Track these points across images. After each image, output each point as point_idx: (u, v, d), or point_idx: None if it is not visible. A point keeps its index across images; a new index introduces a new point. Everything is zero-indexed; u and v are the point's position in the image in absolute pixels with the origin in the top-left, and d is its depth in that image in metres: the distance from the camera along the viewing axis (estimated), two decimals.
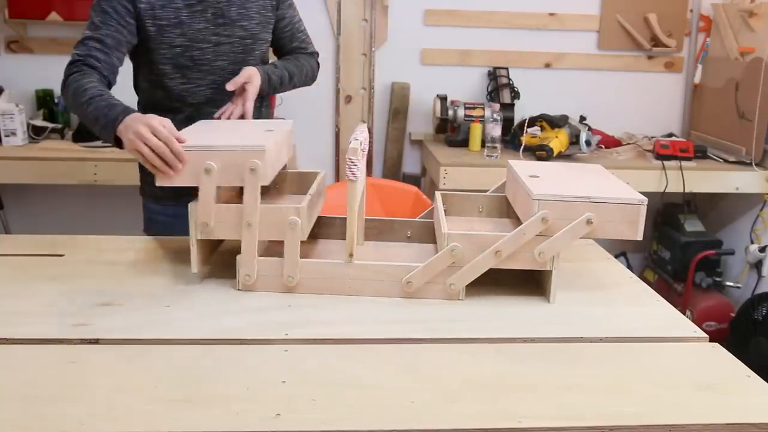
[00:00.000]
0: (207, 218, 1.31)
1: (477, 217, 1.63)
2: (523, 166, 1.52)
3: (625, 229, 1.32)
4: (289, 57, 1.84)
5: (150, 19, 1.61)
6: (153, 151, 1.27)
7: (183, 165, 1.28)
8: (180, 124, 1.50)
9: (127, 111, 1.39)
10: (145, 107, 1.73)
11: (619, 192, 1.35)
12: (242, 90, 1.62)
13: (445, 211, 1.56)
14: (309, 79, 1.87)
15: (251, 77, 1.62)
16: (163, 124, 1.30)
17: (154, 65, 1.67)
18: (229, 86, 1.60)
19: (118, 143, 1.40)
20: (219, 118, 1.62)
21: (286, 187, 1.62)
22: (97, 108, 1.42)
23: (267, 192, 1.58)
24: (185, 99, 1.69)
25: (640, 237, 1.32)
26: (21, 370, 1.06)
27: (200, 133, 1.44)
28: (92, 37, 1.55)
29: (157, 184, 1.30)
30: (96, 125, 1.43)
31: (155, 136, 1.28)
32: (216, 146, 1.29)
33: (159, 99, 1.70)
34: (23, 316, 1.23)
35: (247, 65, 1.67)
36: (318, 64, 1.91)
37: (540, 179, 1.41)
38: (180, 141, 1.29)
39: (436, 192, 1.59)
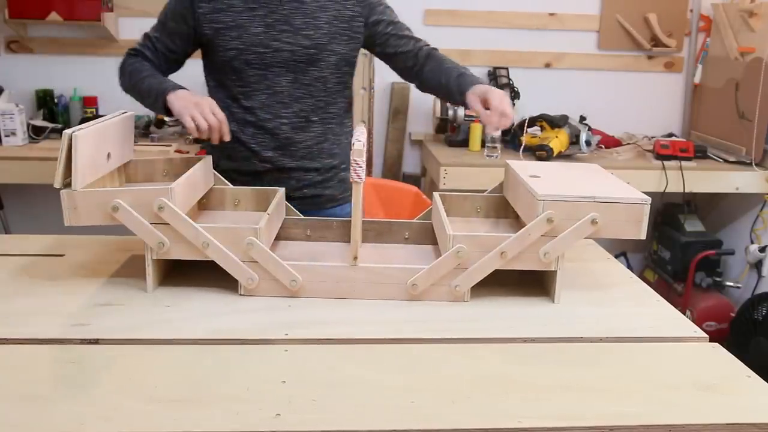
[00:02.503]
0: (161, 238, 1.31)
1: (475, 218, 1.63)
2: (522, 167, 1.52)
3: (629, 228, 1.32)
4: (440, 64, 1.69)
5: (207, 22, 1.63)
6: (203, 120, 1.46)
7: (225, 139, 1.49)
8: (236, 128, 1.67)
9: (179, 86, 1.55)
10: None
11: (622, 191, 1.35)
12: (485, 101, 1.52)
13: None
14: None
15: (486, 93, 1.51)
16: (213, 110, 1.48)
17: (215, 66, 1.70)
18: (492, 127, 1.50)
19: (167, 112, 1.55)
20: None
21: (248, 204, 1.61)
22: (150, 84, 1.58)
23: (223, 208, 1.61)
24: (240, 101, 1.69)
25: (643, 236, 1.32)
26: (21, 370, 1.06)
27: None
28: (151, 37, 1.69)
29: (66, 224, 1.32)
30: (148, 98, 1.59)
31: (213, 116, 1.47)
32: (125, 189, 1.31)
33: (219, 98, 1.71)
34: (23, 316, 1.23)
35: (307, 75, 1.66)
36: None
37: (541, 179, 1.41)
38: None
39: (434, 193, 1.59)
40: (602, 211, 1.30)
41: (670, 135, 3.45)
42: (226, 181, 1.64)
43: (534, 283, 1.44)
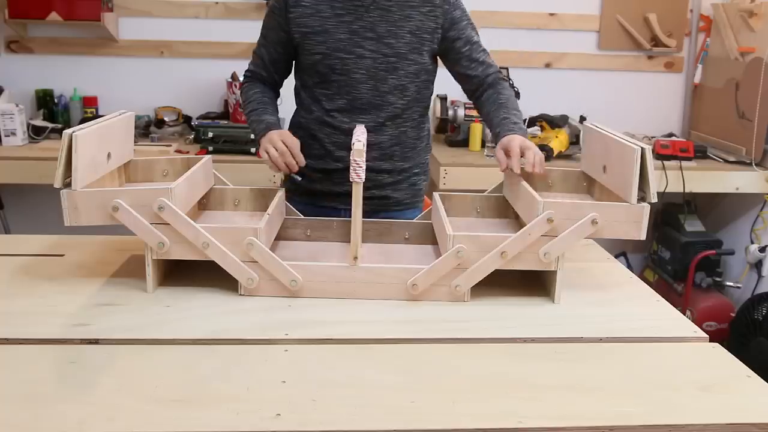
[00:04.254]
0: (161, 238, 1.31)
1: (475, 218, 1.63)
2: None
3: (629, 229, 1.32)
4: (497, 96, 1.70)
5: (296, 26, 1.65)
6: (277, 154, 1.55)
7: (300, 167, 1.56)
8: (314, 127, 1.73)
9: (269, 128, 1.63)
10: (298, 103, 1.80)
11: None
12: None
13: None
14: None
15: (520, 147, 1.50)
16: (283, 138, 1.57)
17: (301, 67, 1.73)
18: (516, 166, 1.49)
19: None
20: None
21: (248, 204, 1.61)
22: (251, 122, 1.71)
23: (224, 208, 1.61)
24: (321, 102, 1.71)
25: (643, 237, 1.32)
26: (21, 370, 1.06)
27: None
28: (256, 53, 1.77)
29: (66, 224, 1.32)
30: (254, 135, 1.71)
31: (282, 143, 1.55)
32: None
33: (302, 99, 1.76)
34: (23, 316, 1.23)
35: (386, 83, 1.67)
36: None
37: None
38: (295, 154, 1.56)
39: (434, 193, 1.59)
40: (602, 211, 1.30)
41: (670, 135, 3.45)
42: (227, 182, 1.64)
43: (534, 283, 1.44)
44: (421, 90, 1.74)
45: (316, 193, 1.75)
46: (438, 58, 1.75)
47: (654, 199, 1.30)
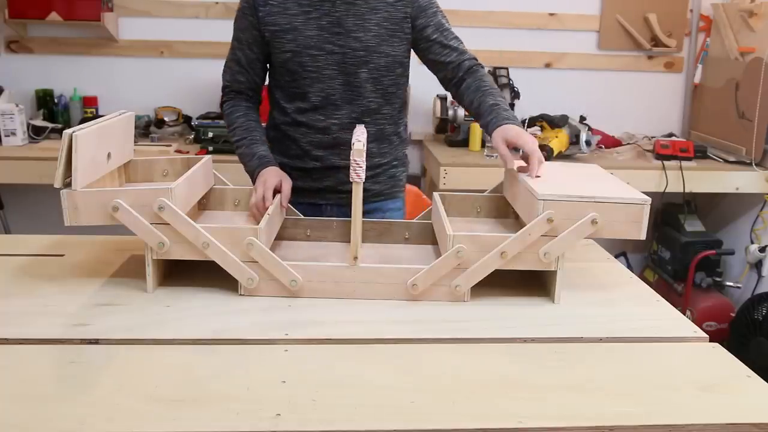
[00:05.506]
0: (161, 238, 1.31)
1: (475, 218, 1.63)
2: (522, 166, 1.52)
3: (629, 228, 1.32)
4: (479, 83, 1.67)
5: (266, 25, 1.64)
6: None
7: (263, 212, 1.48)
8: (290, 127, 1.72)
9: (261, 165, 1.62)
10: (271, 104, 1.79)
11: (622, 192, 1.35)
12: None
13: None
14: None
15: (517, 139, 1.48)
16: (265, 184, 1.55)
17: (273, 67, 1.72)
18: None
19: None
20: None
21: (248, 204, 1.60)
22: (241, 154, 1.69)
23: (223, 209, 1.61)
24: (294, 101, 1.70)
25: (643, 237, 1.32)
26: (21, 370, 1.06)
27: None
28: (231, 59, 1.73)
29: (66, 224, 1.33)
30: (244, 164, 1.69)
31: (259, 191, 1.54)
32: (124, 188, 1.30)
33: (276, 99, 1.75)
34: (23, 316, 1.23)
35: (358, 78, 1.66)
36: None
37: (541, 179, 1.41)
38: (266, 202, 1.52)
39: (434, 193, 1.59)
40: (602, 211, 1.30)
41: (670, 135, 3.45)
42: (227, 182, 1.64)
43: (534, 283, 1.44)
44: (395, 83, 1.73)
45: (296, 190, 1.69)
46: (411, 50, 1.74)
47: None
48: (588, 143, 2.93)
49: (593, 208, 1.30)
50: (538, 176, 1.43)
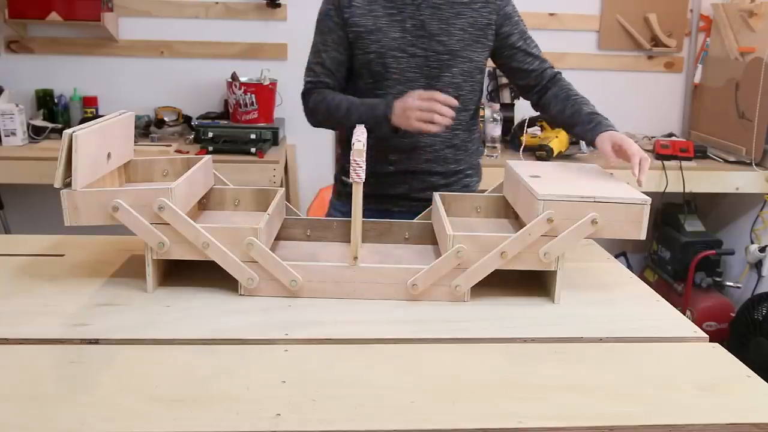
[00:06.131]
0: (161, 238, 1.31)
1: (475, 218, 1.63)
2: (522, 166, 1.52)
3: (629, 228, 1.32)
4: (568, 92, 1.72)
5: (351, 26, 1.65)
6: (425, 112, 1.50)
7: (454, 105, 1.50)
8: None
9: (388, 103, 1.57)
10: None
11: (622, 192, 1.35)
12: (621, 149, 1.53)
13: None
14: None
15: (622, 142, 1.52)
16: (417, 95, 1.51)
17: (354, 68, 1.71)
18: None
19: (397, 130, 1.59)
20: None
21: (248, 204, 1.61)
22: (361, 114, 1.61)
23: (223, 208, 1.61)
24: None
25: (643, 237, 1.32)
26: (21, 370, 1.06)
27: None
28: (316, 62, 1.71)
29: (66, 224, 1.32)
30: (367, 124, 1.55)
31: (420, 101, 1.50)
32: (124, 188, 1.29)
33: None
34: (23, 316, 1.23)
35: (440, 81, 1.66)
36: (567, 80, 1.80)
37: (541, 179, 1.41)
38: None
39: (434, 193, 1.59)
40: (602, 211, 1.30)
41: (670, 135, 3.45)
42: (227, 182, 1.64)
43: (534, 283, 1.44)
44: (474, 90, 1.74)
45: (367, 196, 1.70)
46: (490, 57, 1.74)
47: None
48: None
49: (593, 208, 1.30)
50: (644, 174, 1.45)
